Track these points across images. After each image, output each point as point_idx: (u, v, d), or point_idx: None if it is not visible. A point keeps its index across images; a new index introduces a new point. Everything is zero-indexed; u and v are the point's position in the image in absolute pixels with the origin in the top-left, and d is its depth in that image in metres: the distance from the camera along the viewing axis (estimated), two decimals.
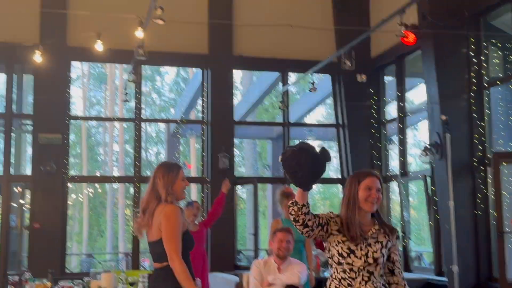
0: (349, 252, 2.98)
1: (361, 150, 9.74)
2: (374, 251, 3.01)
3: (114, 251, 20.89)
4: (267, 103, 20.40)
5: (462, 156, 7.50)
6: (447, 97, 7.58)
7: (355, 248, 2.98)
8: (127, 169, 21.08)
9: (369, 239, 3.02)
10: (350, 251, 2.98)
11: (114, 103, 21.96)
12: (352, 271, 2.98)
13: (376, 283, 2.98)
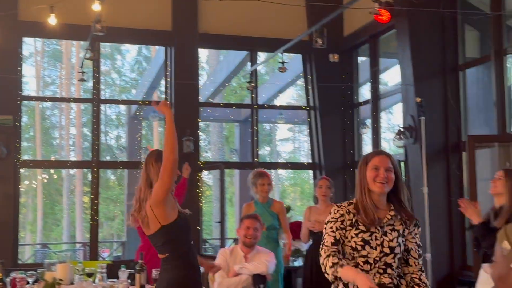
0: (363, 244, 2.88)
1: (333, 134, 9.81)
2: (390, 240, 2.91)
3: (71, 241, 20.70)
4: (235, 84, 20.33)
5: (437, 140, 7.63)
6: (422, 79, 7.68)
7: (369, 238, 2.89)
8: (85, 154, 20.82)
9: (385, 226, 2.93)
10: (365, 242, 2.89)
11: (71, 83, 21.61)
12: (366, 263, 2.89)
13: (391, 275, 2.90)
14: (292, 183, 24.41)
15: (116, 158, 19.31)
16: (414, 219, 2.98)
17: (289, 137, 25.19)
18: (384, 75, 11.06)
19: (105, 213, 21.91)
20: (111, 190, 22.94)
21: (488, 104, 7.73)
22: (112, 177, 23.35)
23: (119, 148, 19.21)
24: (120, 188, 22.32)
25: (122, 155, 15.32)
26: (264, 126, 21.95)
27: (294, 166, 15.66)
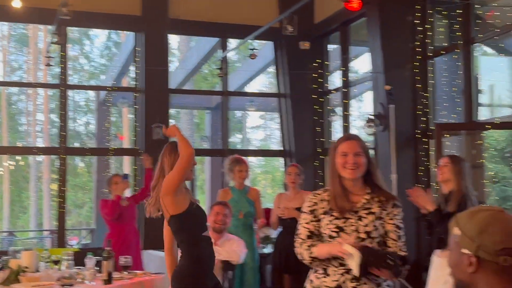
0: (338, 231, 2.81)
1: (304, 121, 9.85)
2: (366, 224, 2.82)
3: (39, 228, 20.45)
4: (206, 71, 20.24)
5: (406, 128, 7.72)
6: (392, 67, 7.75)
7: (344, 225, 2.82)
8: (53, 141, 20.54)
9: (360, 211, 2.85)
10: (339, 229, 2.82)
11: (38, 69, 21.24)
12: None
13: None
14: (263, 170, 24.47)
15: (84, 145, 19.11)
16: (392, 200, 2.88)
17: (260, 125, 25.21)
18: (355, 63, 11.13)
19: (74, 200, 21.69)
20: (79, 177, 22.70)
21: (456, 93, 7.84)
22: (80, 164, 23.09)
23: (88, 134, 19.00)
24: (89, 175, 22.09)
25: (91, 141, 15.16)
26: (235, 114, 21.92)
27: (265, 153, 15.71)
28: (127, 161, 15.73)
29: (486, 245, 1.58)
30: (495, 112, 8.50)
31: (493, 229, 1.59)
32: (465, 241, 1.61)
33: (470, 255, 1.60)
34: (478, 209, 1.66)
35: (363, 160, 2.86)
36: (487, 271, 1.58)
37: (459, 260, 1.63)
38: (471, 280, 1.61)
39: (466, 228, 1.62)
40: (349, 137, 2.98)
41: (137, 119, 9.44)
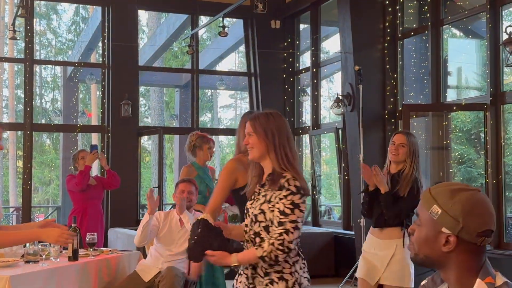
0: (246, 213, 2.74)
1: (274, 101, 9.85)
2: (255, 207, 2.66)
3: (4, 205, 20.16)
4: (175, 49, 20.04)
5: (374, 108, 7.79)
6: (361, 47, 7.78)
7: (249, 207, 2.72)
8: (19, 117, 20.18)
9: (259, 194, 2.70)
10: (247, 211, 2.73)
11: (3, 43, 20.75)
12: (245, 232, 2.70)
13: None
14: (232, 150, 24.46)
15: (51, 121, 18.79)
16: (279, 181, 2.56)
17: (231, 104, 25.16)
18: (325, 43, 11.15)
19: (40, 177, 21.42)
20: (46, 155, 22.39)
21: (424, 74, 7.93)
22: (47, 141, 22.76)
23: (55, 111, 18.70)
24: (55, 153, 21.80)
25: (58, 118, 14.93)
26: (205, 92, 21.81)
27: (234, 132, 15.69)
28: (94, 138, 15.55)
29: (470, 227, 1.57)
30: (462, 94, 8.62)
31: (477, 211, 1.58)
32: (448, 221, 1.58)
33: (449, 235, 1.58)
34: (457, 187, 1.62)
35: (254, 140, 2.68)
36: (461, 250, 1.58)
37: (433, 238, 1.61)
38: (442, 258, 1.61)
39: (449, 208, 1.58)
40: (248, 117, 2.85)
41: (104, 95, 9.32)
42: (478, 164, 9.44)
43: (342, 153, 8.55)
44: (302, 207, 2.54)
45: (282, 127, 2.70)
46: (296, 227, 2.51)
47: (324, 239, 8.34)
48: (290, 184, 2.55)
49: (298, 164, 2.70)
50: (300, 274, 2.62)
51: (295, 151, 2.73)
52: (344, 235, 8.30)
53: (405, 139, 4.04)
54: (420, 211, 1.65)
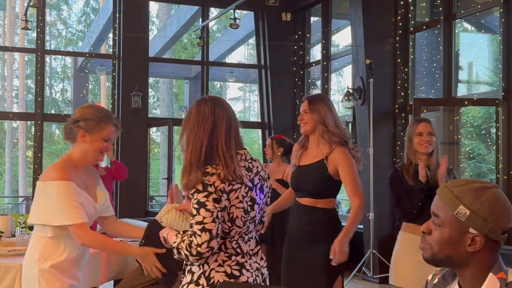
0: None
1: (284, 94, 9.84)
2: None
3: (14, 194, 20.30)
4: (185, 40, 20.06)
5: (385, 102, 7.77)
6: (373, 41, 7.75)
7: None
8: (29, 107, 20.28)
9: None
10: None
11: (14, 33, 20.83)
12: None
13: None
14: None
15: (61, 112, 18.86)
16: (187, 182, 2.30)
17: (240, 96, 25.16)
18: (336, 36, 11.11)
19: None
20: (55, 145, 22.50)
21: (436, 68, 7.89)
22: (57, 131, 22.86)
23: (65, 101, 18.76)
24: (65, 143, 21.89)
25: (68, 109, 14.96)
26: (214, 84, 21.80)
27: (243, 125, 15.66)
28: None
29: (497, 226, 1.54)
30: (473, 89, 8.58)
31: (502, 209, 1.57)
32: (476, 221, 1.54)
33: (476, 235, 1.54)
34: (479, 185, 1.58)
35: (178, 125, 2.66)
36: (485, 249, 1.56)
37: (458, 238, 1.57)
38: (465, 257, 1.58)
39: (477, 208, 1.54)
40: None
41: (114, 86, 9.34)
42: (488, 159, 9.39)
43: None
44: (208, 205, 2.19)
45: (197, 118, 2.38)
46: (203, 229, 2.18)
47: None
48: (197, 181, 2.23)
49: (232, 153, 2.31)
50: (213, 268, 2.29)
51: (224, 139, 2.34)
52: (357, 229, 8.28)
53: (431, 127, 3.65)
54: (441, 211, 1.59)
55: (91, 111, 2.77)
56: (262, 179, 2.42)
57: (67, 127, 2.79)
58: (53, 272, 2.68)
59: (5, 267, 3.55)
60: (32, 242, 2.78)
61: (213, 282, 2.27)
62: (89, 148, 2.75)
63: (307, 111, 3.60)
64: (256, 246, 2.43)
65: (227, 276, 2.29)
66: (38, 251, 2.71)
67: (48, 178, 2.67)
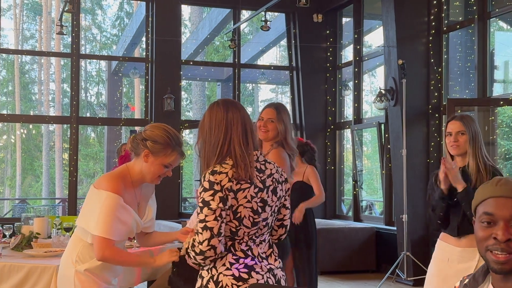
0: None
1: (315, 95, 9.81)
2: None
3: (50, 196, 20.67)
4: (217, 43, 20.13)
5: (418, 103, 7.67)
6: (405, 41, 7.66)
7: None
8: (65, 110, 20.62)
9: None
10: None
11: (50, 38, 21.22)
12: None
13: None
14: None
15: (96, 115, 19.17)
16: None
17: (272, 98, 25.12)
18: (368, 36, 11.02)
19: (85, 170, 21.87)
20: (91, 147, 22.84)
21: (470, 68, 7.76)
22: (92, 134, 23.20)
23: (99, 105, 19.04)
24: (100, 145, 22.21)
25: (103, 112, 15.20)
26: (246, 86, 21.85)
27: None
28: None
29: None
30: (509, 88, 8.40)
31: None
32: None
33: None
34: None
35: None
36: None
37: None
38: None
39: None
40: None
41: (147, 89, 9.44)
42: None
43: (384, 148, 8.45)
44: (212, 204, 2.21)
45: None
46: (204, 227, 2.20)
47: (365, 234, 8.27)
48: (205, 179, 2.26)
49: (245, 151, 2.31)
50: (220, 272, 2.27)
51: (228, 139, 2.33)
52: (386, 230, 8.20)
53: (462, 125, 3.24)
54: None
55: (162, 135, 2.72)
56: (276, 181, 2.40)
57: (134, 140, 2.77)
58: (88, 275, 2.71)
59: (41, 268, 3.61)
60: (71, 243, 2.81)
61: (222, 286, 2.27)
62: (148, 169, 2.73)
63: (273, 120, 3.76)
64: (269, 249, 2.41)
65: (235, 279, 2.27)
66: (76, 253, 2.74)
67: (100, 187, 2.69)
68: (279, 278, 2.40)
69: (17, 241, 4.28)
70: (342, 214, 9.76)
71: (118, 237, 2.69)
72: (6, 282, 3.68)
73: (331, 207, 9.73)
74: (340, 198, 9.88)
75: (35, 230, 4.43)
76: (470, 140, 3.22)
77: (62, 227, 4.69)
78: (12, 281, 3.66)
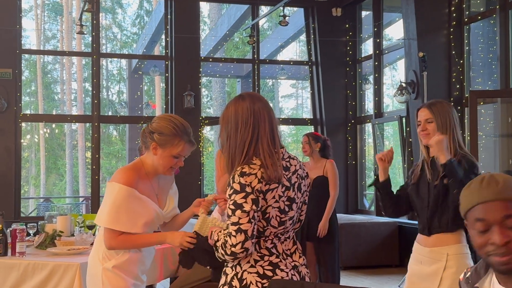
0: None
1: (335, 90, 9.76)
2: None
3: (75, 195, 20.88)
4: (236, 39, 20.13)
5: (439, 95, 7.57)
6: (426, 33, 7.58)
7: None
8: (87, 109, 20.80)
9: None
10: None
11: (72, 38, 21.41)
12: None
13: None
14: (294, 139, 24.43)
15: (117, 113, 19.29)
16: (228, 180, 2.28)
17: (292, 94, 25.07)
18: (388, 29, 10.92)
19: (108, 168, 22.03)
20: (113, 146, 23.02)
21: (492, 59, 7.64)
22: (114, 132, 23.39)
23: (121, 103, 19.16)
24: (122, 144, 22.37)
25: (124, 110, 15.30)
26: (266, 82, 21.82)
27: (295, 122, 15.65)
28: None
29: None
30: None
31: None
32: None
33: None
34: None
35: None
36: None
37: None
38: None
39: None
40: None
41: (167, 87, 9.47)
42: None
43: (405, 142, 8.37)
44: (245, 207, 2.15)
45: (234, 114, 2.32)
46: (238, 230, 2.15)
47: (388, 229, 8.21)
48: (234, 181, 2.20)
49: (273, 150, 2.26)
50: (245, 269, 2.25)
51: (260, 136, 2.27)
52: (409, 225, 8.14)
53: (429, 113, 3.00)
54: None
55: (168, 125, 2.68)
56: (300, 177, 2.36)
57: (143, 134, 2.77)
58: (116, 272, 2.71)
59: (65, 266, 3.64)
60: (97, 241, 2.82)
61: (246, 284, 2.24)
62: (158, 161, 2.71)
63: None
64: (293, 246, 2.37)
65: (259, 276, 2.24)
66: (102, 250, 2.75)
67: (114, 179, 2.69)
68: (303, 275, 2.37)
69: (41, 240, 4.33)
70: (364, 208, 9.70)
71: (127, 228, 2.66)
72: (31, 280, 3.72)
73: (353, 202, 9.68)
74: (362, 192, 9.83)
75: (58, 228, 4.48)
76: (438, 128, 2.96)
77: (85, 225, 4.74)
78: (36, 279, 3.70)
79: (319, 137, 5.86)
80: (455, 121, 3.00)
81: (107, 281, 2.71)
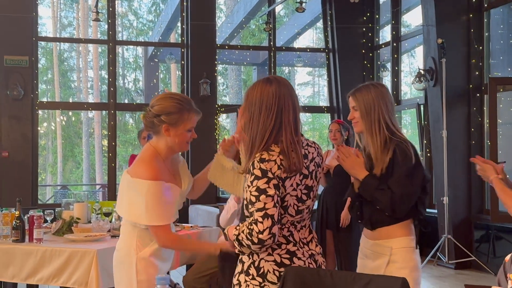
0: None
1: (353, 77, 9.69)
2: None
3: (91, 183, 21.07)
4: (253, 27, 20.07)
5: (458, 83, 7.51)
6: (445, 19, 7.49)
7: None
8: (103, 97, 20.91)
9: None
10: None
11: (88, 25, 21.50)
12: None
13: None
14: (311, 127, 24.37)
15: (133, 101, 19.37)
16: (247, 166, 2.23)
17: (309, 81, 24.99)
18: (406, 16, 10.81)
19: (124, 156, 22.18)
20: (129, 133, 23.14)
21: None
22: (130, 120, 23.50)
23: (137, 91, 19.25)
24: (138, 131, 22.49)
25: (140, 98, 15.37)
26: (283, 70, 21.75)
27: (312, 110, 15.61)
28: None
29: None
30: None
31: None
32: None
33: None
34: None
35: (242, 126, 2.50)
36: None
37: None
38: None
39: None
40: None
41: (183, 74, 9.48)
42: None
43: (424, 129, 8.32)
44: (269, 191, 2.14)
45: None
46: (265, 215, 2.13)
47: None
48: (255, 167, 2.18)
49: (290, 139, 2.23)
50: (262, 257, 2.24)
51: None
52: (427, 213, 8.09)
53: (353, 100, 2.85)
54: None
55: (172, 103, 2.68)
56: (317, 165, 2.35)
57: (147, 119, 2.74)
58: (150, 260, 2.71)
59: (82, 252, 3.68)
60: (126, 231, 2.78)
61: (263, 272, 2.23)
62: (174, 141, 2.70)
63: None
64: (309, 234, 2.36)
65: (276, 265, 2.23)
66: (135, 239, 2.72)
67: (137, 175, 2.64)
68: (320, 264, 2.37)
69: (58, 226, 4.37)
70: None
71: (171, 219, 2.69)
72: (48, 266, 3.77)
73: None
74: None
75: (75, 215, 4.52)
76: (362, 115, 2.76)
77: (101, 212, 4.78)
78: (54, 265, 3.75)
79: (347, 125, 5.84)
80: (384, 106, 2.74)
81: (141, 268, 2.70)
